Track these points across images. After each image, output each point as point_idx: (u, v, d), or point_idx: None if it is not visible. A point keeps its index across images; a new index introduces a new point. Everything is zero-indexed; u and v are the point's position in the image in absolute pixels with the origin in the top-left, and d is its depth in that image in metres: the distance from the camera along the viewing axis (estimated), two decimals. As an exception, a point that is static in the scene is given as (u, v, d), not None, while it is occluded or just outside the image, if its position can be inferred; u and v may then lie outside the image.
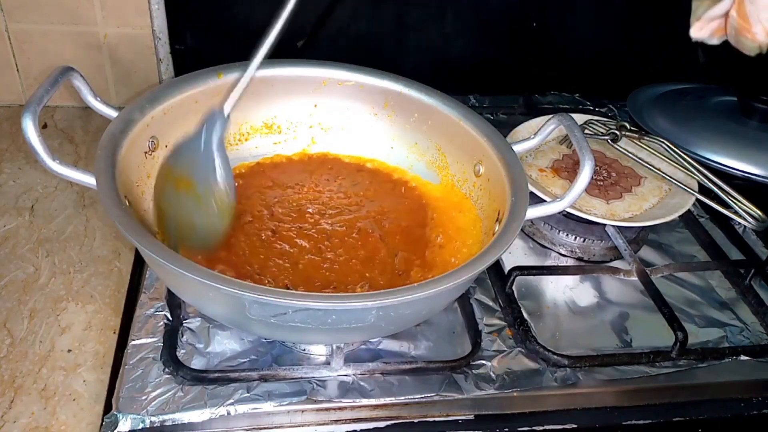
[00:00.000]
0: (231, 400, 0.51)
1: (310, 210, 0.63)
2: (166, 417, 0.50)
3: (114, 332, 0.59)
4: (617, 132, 0.80)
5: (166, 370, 0.53)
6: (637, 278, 0.67)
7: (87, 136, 0.86)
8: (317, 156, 0.71)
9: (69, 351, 0.58)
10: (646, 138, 0.80)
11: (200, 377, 0.53)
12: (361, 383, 0.54)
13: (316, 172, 0.69)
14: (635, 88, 0.98)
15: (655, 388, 0.58)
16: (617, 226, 0.71)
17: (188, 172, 0.53)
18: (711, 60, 1.00)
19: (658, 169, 0.76)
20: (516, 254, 0.72)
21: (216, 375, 0.53)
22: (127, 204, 0.50)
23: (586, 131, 0.82)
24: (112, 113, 0.56)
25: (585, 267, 0.71)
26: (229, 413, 0.51)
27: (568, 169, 0.79)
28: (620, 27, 0.99)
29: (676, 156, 0.77)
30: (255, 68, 0.52)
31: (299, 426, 0.53)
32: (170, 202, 0.54)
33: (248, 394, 0.52)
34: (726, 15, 0.51)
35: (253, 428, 0.52)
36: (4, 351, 0.57)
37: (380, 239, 0.61)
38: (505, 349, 0.59)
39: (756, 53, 0.52)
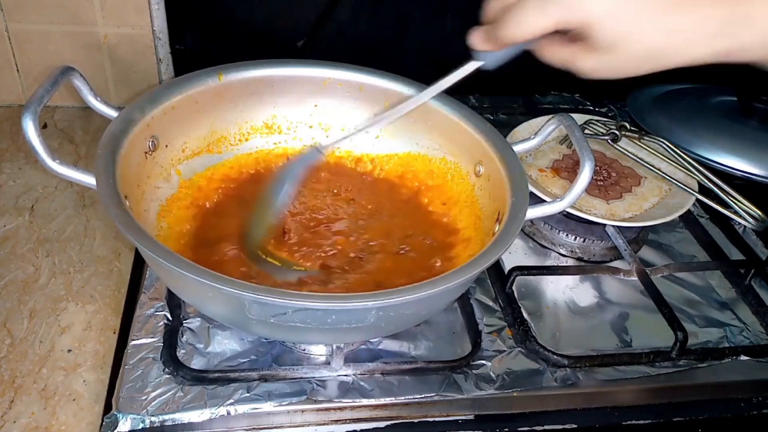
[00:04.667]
0: (231, 400, 0.51)
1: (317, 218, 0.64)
2: (166, 417, 0.50)
3: (114, 332, 0.59)
4: (617, 132, 0.80)
5: (166, 370, 0.53)
6: (637, 278, 0.67)
7: (87, 136, 0.86)
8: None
9: (69, 351, 0.58)
10: (646, 138, 0.80)
11: (200, 377, 0.53)
12: (361, 383, 0.54)
13: (319, 176, 0.69)
14: (635, 88, 0.98)
15: (655, 388, 0.58)
16: (617, 226, 0.71)
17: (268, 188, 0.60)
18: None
19: (658, 169, 0.76)
20: (516, 254, 0.72)
21: (216, 375, 0.53)
22: (127, 204, 0.50)
23: (586, 131, 0.82)
24: (113, 113, 0.56)
25: (585, 267, 0.71)
26: (229, 413, 0.51)
27: (568, 169, 0.79)
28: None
29: (676, 156, 0.77)
30: (374, 123, 0.59)
31: (299, 426, 0.53)
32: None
33: (248, 394, 0.52)
34: None
35: (253, 428, 0.52)
36: (4, 351, 0.57)
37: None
38: (505, 349, 0.59)
39: None
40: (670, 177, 0.75)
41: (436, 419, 0.55)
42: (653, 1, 0.43)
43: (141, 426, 0.49)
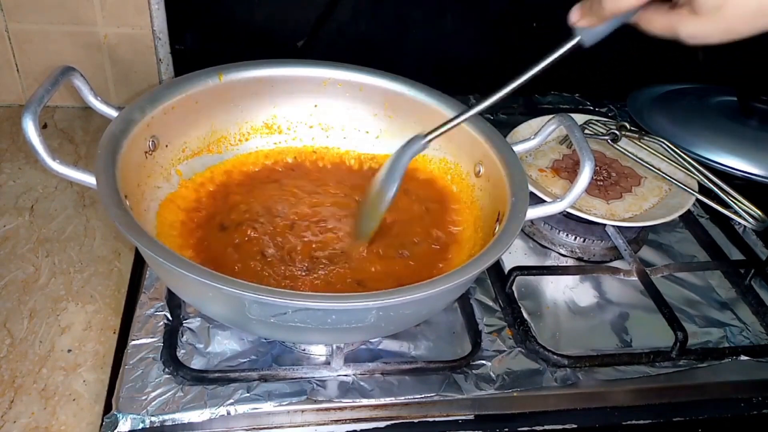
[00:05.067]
0: (231, 400, 0.51)
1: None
2: (166, 417, 0.50)
3: (114, 332, 0.59)
4: (617, 132, 0.80)
5: (166, 370, 0.53)
6: (637, 278, 0.67)
7: (87, 136, 0.86)
8: (319, 157, 0.72)
9: (69, 351, 0.58)
10: (646, 138, 0.80)
11: (200, 377, 0.53)
12: (361, 383, 0.54)
13: (318, 176, 0.69)
14: (635, 88, 0.98)
15: (655, 388, 0.58)
16: (617, 226, 0.71)
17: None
18: (711, 60, 1.00)
19: (658, 169, 0.76)
20: (516, 254, 0.72)
21: (216, 375, 0.53)
22: (127, 204, 0.50)
23: (586, 131, 0.82)
24: (113, 113, 0.56)
25: (585, 267, 0.71)
26: (229, 413, 0.51)
27: (568, 169, 0.79)
28: (620, 27, 0.98)
29: (676, 156, 0.77)
30: (474, 112, 0.58)
31: (299, 426, 0.53)
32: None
33: (248, 394, 0.52)
34: None
35: (253, 428, 0.52)
36: (4, 351, 0.57)
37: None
38: (505, 349, 0.59)
39: None
40: (670, 177, 0.75)
41: (436, 419, 0.55)
42: None
43: (141, 426, 0.49)
